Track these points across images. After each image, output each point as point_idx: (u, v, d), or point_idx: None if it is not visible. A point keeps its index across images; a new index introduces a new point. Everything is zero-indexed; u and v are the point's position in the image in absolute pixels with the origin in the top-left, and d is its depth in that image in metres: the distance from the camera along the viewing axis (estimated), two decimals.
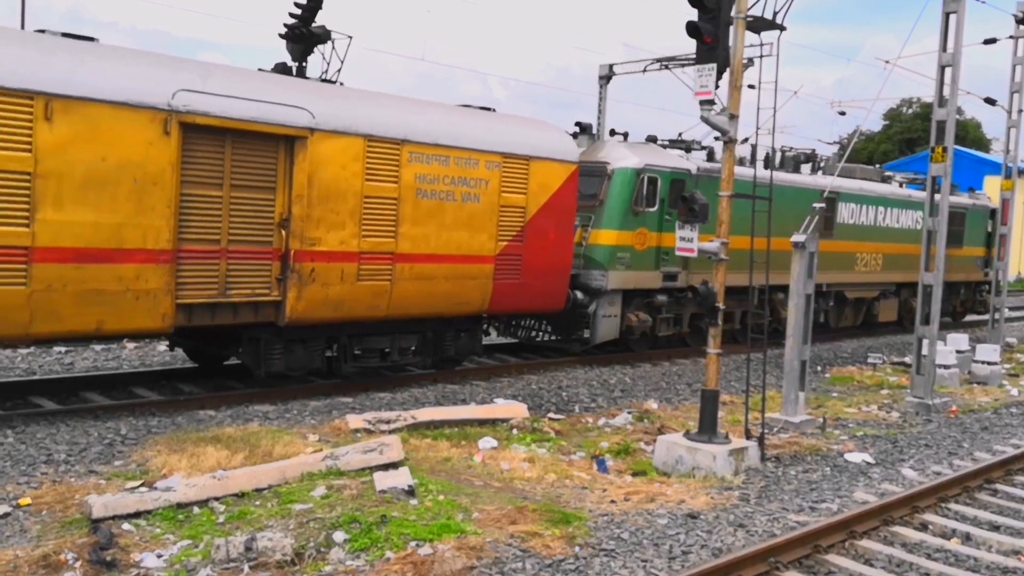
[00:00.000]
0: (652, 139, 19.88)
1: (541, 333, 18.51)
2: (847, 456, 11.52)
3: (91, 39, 11.52)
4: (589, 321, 17.55)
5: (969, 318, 29.42)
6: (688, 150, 19.80)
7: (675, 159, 18.84)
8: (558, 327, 18.19)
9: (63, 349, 16.51)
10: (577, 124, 19.63)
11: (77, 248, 10.66)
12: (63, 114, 10.45)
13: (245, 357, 13.44)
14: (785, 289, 18.89)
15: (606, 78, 27.73)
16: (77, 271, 10.66)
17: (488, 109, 16.04)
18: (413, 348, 15.00)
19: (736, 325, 20.06)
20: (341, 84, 14.59)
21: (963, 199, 27.01)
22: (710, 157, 19.71)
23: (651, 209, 17.88)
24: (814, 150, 23.81)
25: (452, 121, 14.67)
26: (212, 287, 12.02)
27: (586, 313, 17.47)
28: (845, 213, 22.93)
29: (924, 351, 15.16)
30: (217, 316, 12.21)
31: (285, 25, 16.13)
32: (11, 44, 10.48)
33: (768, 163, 19.38)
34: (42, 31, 11.41)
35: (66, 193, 10.54)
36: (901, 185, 26.46)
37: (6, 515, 7.88)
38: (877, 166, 30.17)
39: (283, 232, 12.51)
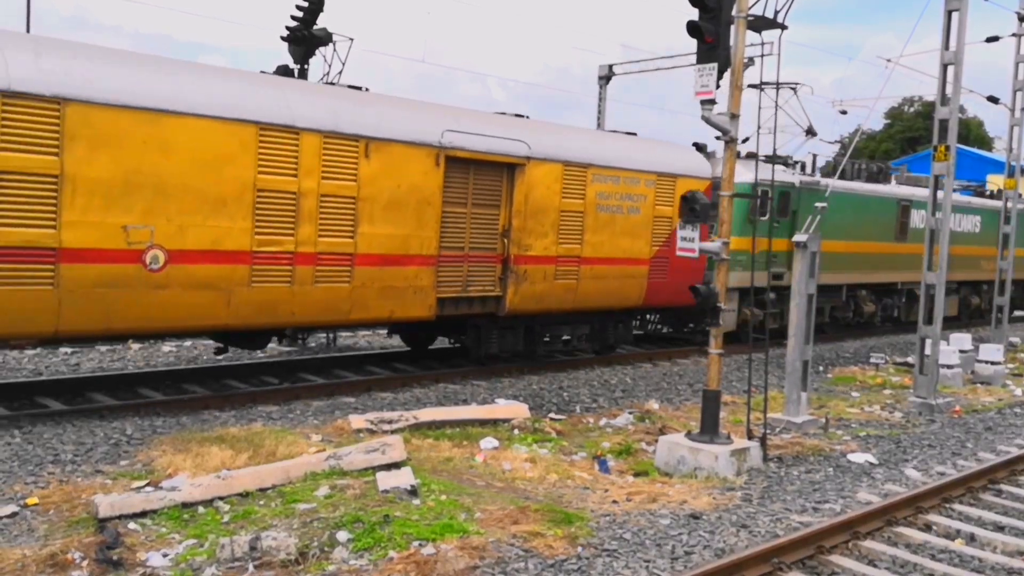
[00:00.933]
0: (752, 155, 20.53)
1: (657, 326, 21.44)
2: (850, 456, 11.53)
3: (360, 88, 14.52)
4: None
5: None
6: (786, 164, 21.89)
7: (781, 174, 20.76)
8: (669, 321, 21.13)
9: (69, 350, 16.57)
10: (694, 144, 21.12)
11: (381, 254, 13.78)
12: (376, 152, 13.51)
13: (468, 341, 16.36)
14: (868, 287, 24.48)
15: (606, 78, 27.72)
16: (380, 272, 13.81)
17: (631, 134, 18.67)
18: (585, 335, 17.93)
19: (825, 318, 23.14)
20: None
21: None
22: (803, 170, 22.13)
23: (762, 218, 19.61)
24: (888, 163, 26.83)
25: (621, 147, 17.67)
26: (458, 284, 15.11)
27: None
28: (916, 219, 24.74)
29: (927, 351, 15.16)
30: (459, 308, 15.31)
31: (287, 28, 16.17)
32: (343, 100, 13.59)
33: (770, 161, 19.65)
34: (357, 87, 14.52)
35: (376, 213, 13.60)
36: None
37: (14, 514, 7.92)
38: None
39: (505, 240, 15.59)
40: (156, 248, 11.34)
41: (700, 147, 20.97)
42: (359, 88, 14.55)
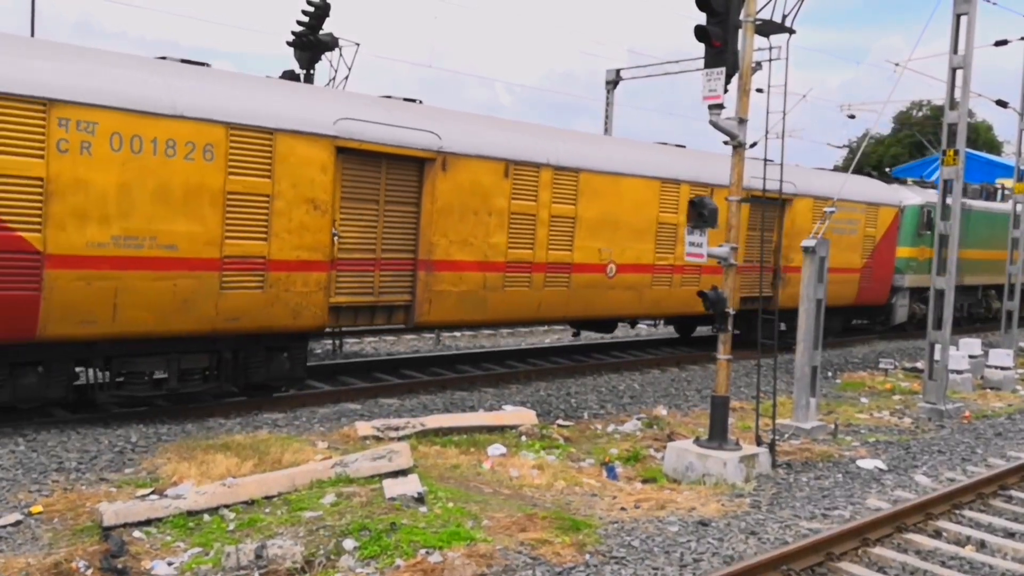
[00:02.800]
0: (921, 183, 27.78)
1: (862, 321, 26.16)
2: (859, 462, 11.45)
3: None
4: (892, 310, 25.11)
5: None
6: (933, 187, 25.63)
7: (930, 194, 24.91)
8: (866, 315, 25.84)
9: None
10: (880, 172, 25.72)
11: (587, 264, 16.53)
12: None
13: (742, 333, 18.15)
14: (996, 287, 28.03)
15: (613, 83, 27.67)
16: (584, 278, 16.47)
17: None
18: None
19: (964, 314, 28.10)
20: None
21: None
22: (964, 192, 24.81)
23: (928, 232, 23.78)
24: (1002, 185, 31.24)
25: (853, 184, 21.73)
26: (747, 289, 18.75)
27: (892, 305, 25.03)
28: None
29: (936, 356, 15.07)
30: (743, 305, 18.18)
31: (292, 33, 16.17)
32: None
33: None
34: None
35: (585, 229, 16.26)
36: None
37: (18, 523, 7.89)
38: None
39: (777, 255, 19.69)
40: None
41: (885, 175, 27.08)
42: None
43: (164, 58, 12.41)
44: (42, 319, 10.52)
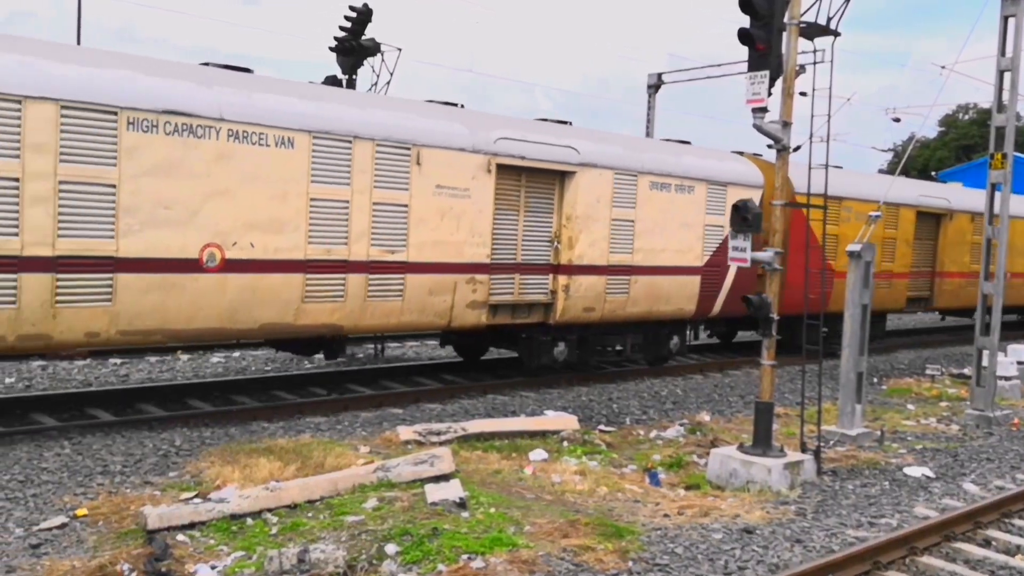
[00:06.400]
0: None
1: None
2: (906, 470, 11.26)
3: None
4: None
5: None
6: None
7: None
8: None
9: (118, 360, 16.76)
10: None
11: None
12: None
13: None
14: None
15: (655, 87, 27.54)
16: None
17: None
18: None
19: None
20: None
21: None
22: None
23: None
24: None
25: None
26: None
27: None
28: None
29: (984, 362, 14.81)
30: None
31: (335, 38, 16.25)
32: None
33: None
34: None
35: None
36: None
37: (63, 525, 7.97)
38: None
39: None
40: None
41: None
42: None
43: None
44: None
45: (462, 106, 15.03)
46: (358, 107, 13.12)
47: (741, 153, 19.52)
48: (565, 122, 16.29)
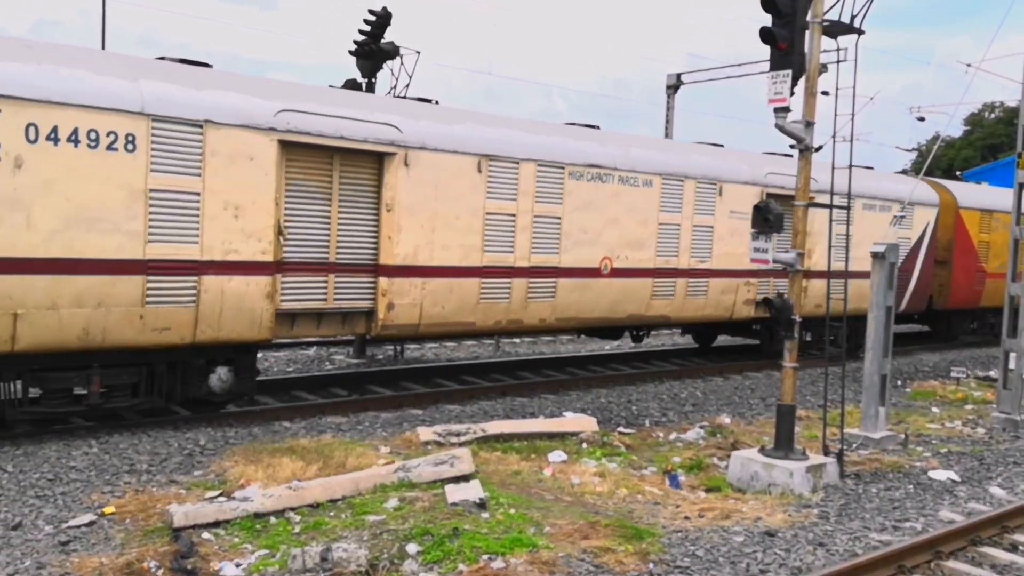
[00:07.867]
0: None
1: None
2: (931, 473, 11.17)
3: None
4: None
5: None
6: None
7: None
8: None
9: None
10: None
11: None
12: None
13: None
14: None
15: (674, 88, 27.43)
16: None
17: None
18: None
19: None
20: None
21: None
22: None
23: None
24: None
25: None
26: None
27: None
28: None
29: (1011, 365, 14.68)
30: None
31: (355, 42, 16.32)
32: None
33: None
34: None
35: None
36: None
37: (91, 523, 8.07)
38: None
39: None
40: None
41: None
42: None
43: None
44: None
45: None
46: (687, 153, 17.66)
47: (916, 175, 21.61)
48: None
